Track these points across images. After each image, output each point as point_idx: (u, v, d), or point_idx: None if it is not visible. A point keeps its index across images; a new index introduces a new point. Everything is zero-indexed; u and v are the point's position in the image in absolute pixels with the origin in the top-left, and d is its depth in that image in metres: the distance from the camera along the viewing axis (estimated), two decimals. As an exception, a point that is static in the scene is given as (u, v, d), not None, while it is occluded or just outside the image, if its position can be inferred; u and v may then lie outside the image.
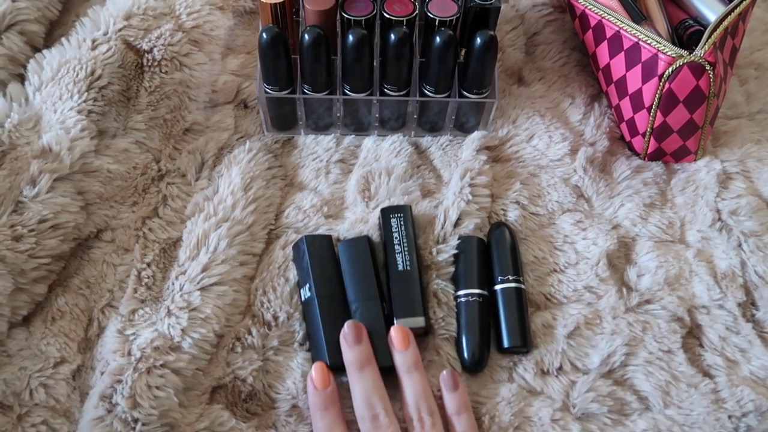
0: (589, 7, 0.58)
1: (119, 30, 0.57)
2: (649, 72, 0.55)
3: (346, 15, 0.55)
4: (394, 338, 0.48)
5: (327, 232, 0.55)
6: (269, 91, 0.57)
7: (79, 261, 0.54)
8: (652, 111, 0.56)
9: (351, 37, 0.52)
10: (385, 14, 0.55)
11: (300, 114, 0.60)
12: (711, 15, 0.59)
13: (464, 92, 0.58)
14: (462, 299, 0.52)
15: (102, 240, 0.55)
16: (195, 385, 0.49)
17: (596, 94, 0.64)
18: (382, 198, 0.56)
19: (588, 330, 0.52)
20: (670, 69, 0.53)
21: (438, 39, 0.53)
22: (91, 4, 0.62)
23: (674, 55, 0.53)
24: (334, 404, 0.47)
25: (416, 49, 0.59)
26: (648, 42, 0.54)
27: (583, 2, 0.58)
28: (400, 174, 0.58)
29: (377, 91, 0.58)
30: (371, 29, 0.57)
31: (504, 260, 0.53)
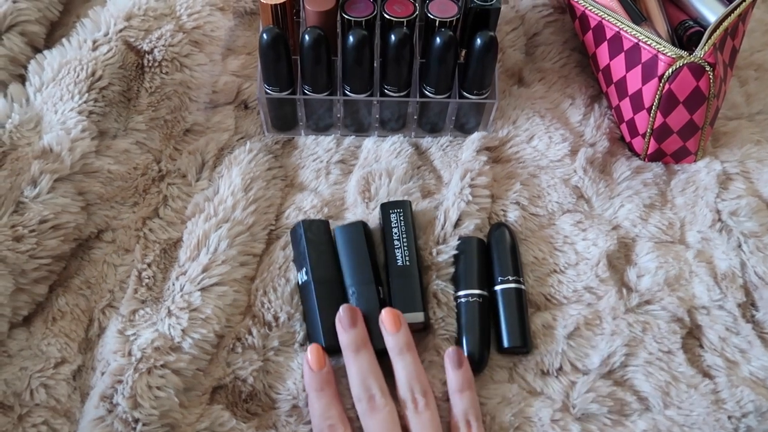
0: (590, 8, 0.58)
1: (120, 31, 0.57)
2: (649, 73, 0.55)
3: (347, 16, 0.55)
4: (385, 321, 0.48)
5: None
6: (270, 92, 0.57)
7: (80, 261, 0.54)
8: (652, 112, 0.56)
9: (351, 38, 0.52)
10: (386, 15, 0.55)
11: (300, 115, 0.60)
12: (711, 16, 0.59)
13: (464, 93, 0.58)
14: (462, 300, 0.52)
15: (102, 240, 0.55)
16: (195, 386, 0.49)
17: (596, 95, 0.64)
18: (383, 199, 0.56)
19: (588, 330, 0.52)
20: (670, 70, 0.53)
21: (438, 40, 0.53)
22: (92, 5, 0.62)
23: (674, 56, 0.53)
24: (330, 385, 0.47)
25: (416, 50, 0.59)
26: (648, 43, 0.54)
27: (584, 3, 0.58)
28: (401, 175, 0.58)
29: (377, 92, 0.58)
30: (371, 30, 0.57)
31: (504, 261, 0.53)
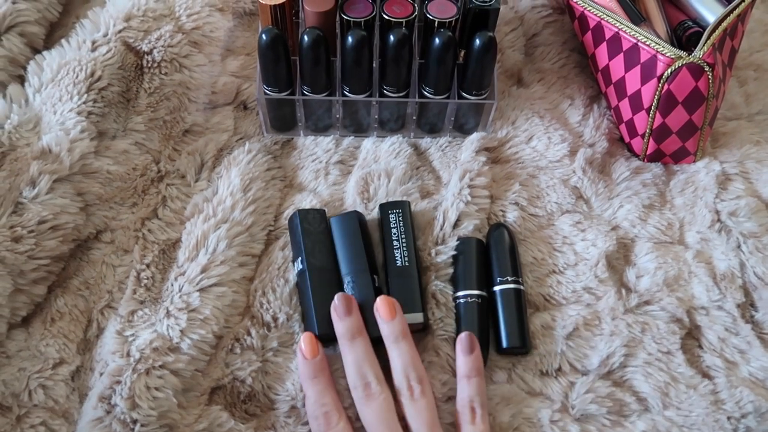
0: (589, 9, 0.58)
1: (119, 31, 0.57)
2: (648, 73, 0.55)
3: (346, 16, 0.55)
4: (380, 308, 0.48)
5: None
6: (269, 93, 0.57)
7: (79, 262, 0.54)
8: (651, 112, 0.56)
9: (350, 39, 0.52)
10: (385, 16, 0.55)
11: (299, 115, 0.60)
12: (710, 16, 0.59)
13: (463, 93, 0.58)
14: (461, 300, 0.52)
15: (101, 241, 0.55)
16: (194, 386, 0.49)
17: (595, 96, 0.64)
18: (381, 199, 0.56)
19: (587, 331, 0.52)
20: (669, 70, 0.53)
21: (437, 40, 0.53)
22: (91, 6, 0.62)
23: (673, 57, 0.53)
24: (324, 372, 0.47)
25: (415, 51, 0.59)
26: (647, 43, 0.54)
27: (583, 4, 0.58)
28: (400, 175, 0.58)
29: (376, 93, 0.58)
30: (371, 31, 0.57)
31: (503, 261, 0.53)
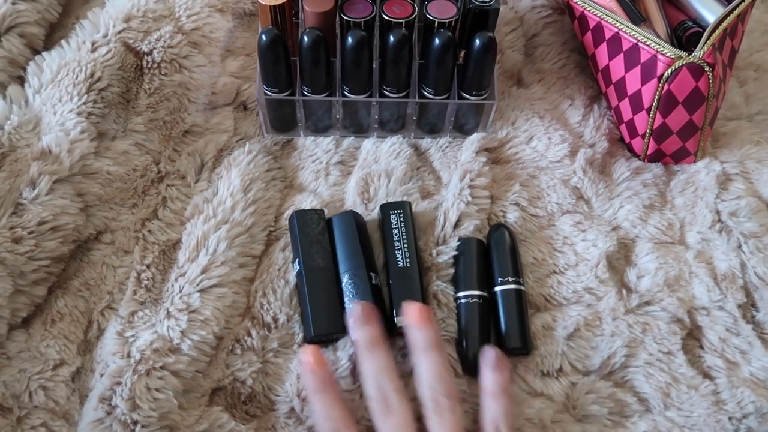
0: (588, 9, 0.58)
1: (119, 32, 0.57)
2: (649, 73, 0.55)
3: (346, 17, 0.55)
4: (413, 313, 0.45)
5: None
6: (269, 93, 0.57)
7: (79, 263, 0.54)
8: (652, 112, 0.56)
9: (350, 39, 0.52)
10: (384, 16, 0.55)
11: (299, 116, 0.60)
12: (710, 16, 0.59)
13: (463, 94, 0.58)
14: (462, 301, 0.52)
15: (101, 242, 0.55)
16: (194, 387, 0.49)
17: (595, 96, 0.64)
18: (382, 200, 0.56)
19: (588, 331, 0.52)
20: (669, 70, 0.53)
21: (437, 41, 0.53)
22: (91, 7, 0.62)
23: (673, 57, 0.53)
24: (331, 385, 0.45)
25: (415, 51, 0.59)
26: (647, 43, 0.54)
27: (582, 4, 0.58)
28: (400, 176, 0.58)
29: (377, 93, 0.58)
30: (370, 31, 0.57)
31: (504, 262, 0.53)
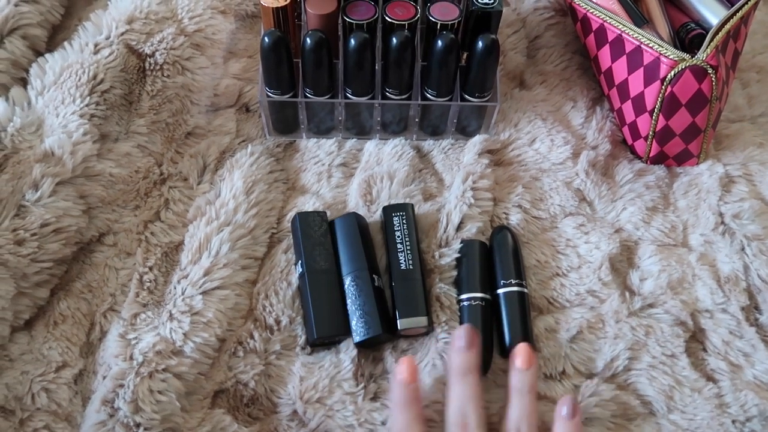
0: (591, 11, 0.58)
1: (121, 34, 0.57)
2: (651, 75, 0.55)
3: (348, 19, 0.55)
4: (518, 355, 0.46)
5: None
6: (271, 95, 0.57)
7: (81, 265, 0.54)
8: (655, 114, 0.56)
9: (353, 41, 0.52)
10: (387, 18, 0.55)
11: (302, 118, 0.60)
12: (713, 18, 0.59)
13: (466, 96, 0.58)
14: (465, 303, 0.51)
15: (104, 244, 0.55)
16: (197, 390, 0.49)
17: (598, 98, 0.64)
18: (384, 202, 0.56)
19: (591, 334, 0.52)
20: (672, 72, 0.53)
21: (440, 43, 0.53)
22: (94, 8, 0.62)
23: (676, 59, 0.53)
24: (417, 401, 0.46)
25: (418, 53, 0.59)
26: (650, 45, 0.54)
27: (585, 6, 0.58)
28: (402, 178, 0.58)
29: (379, 95, 0.58)
30: (373, 33, 0.57)
31: (506, 264, 0.53)
